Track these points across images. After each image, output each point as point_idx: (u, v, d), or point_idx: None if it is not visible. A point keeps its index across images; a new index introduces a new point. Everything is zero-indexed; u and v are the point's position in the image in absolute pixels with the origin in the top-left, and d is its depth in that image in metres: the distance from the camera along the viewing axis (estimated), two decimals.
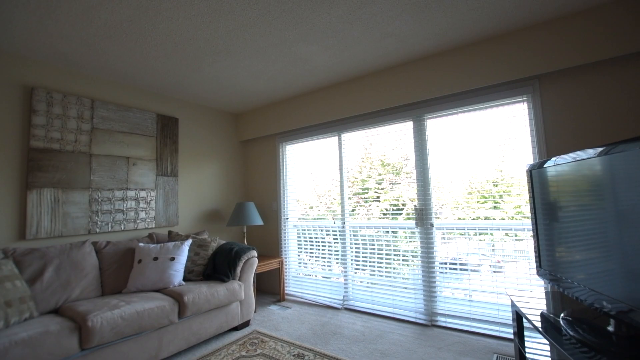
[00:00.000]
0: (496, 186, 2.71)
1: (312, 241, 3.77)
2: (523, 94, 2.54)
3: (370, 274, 3.31)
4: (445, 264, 2.89)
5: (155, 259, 2.57)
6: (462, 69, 2.65)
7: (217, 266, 2.85)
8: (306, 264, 3.89)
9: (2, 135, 2.39)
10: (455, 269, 2.87)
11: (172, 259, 2.61)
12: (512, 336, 2.45)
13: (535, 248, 1.94)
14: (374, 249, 3.28)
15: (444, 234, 2.91)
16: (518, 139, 2.60)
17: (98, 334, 1.87)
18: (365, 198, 3.43)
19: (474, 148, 2.79)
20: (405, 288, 3.05)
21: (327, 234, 3.64)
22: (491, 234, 2.70)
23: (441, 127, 2.94)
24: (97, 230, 2.82)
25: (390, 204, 3.26)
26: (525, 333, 1.92)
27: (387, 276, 3.21)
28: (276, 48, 2.53)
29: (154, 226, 3.23)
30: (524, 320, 1.87)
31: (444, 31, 2.40)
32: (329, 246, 3.62)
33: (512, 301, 1.92)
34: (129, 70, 2.83)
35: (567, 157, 1.58)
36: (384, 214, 3.30)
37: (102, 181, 2.87)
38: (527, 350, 1.82)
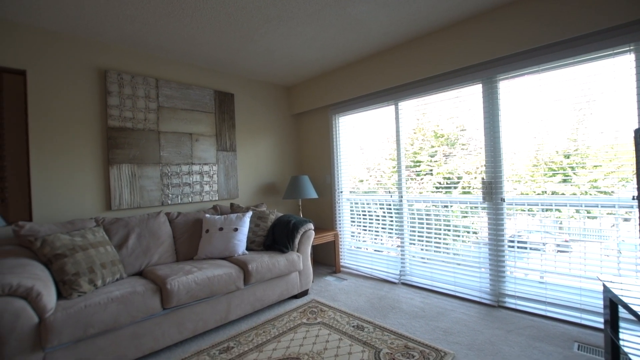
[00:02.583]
0: (567, 158, 2.39)
1: (364, 215, 3.72)
2: (629, 42, 2.07)
3: (427, 249, 3.17)
4: (513, 241, 2.64)
5: (221, 229, 2.73)
6: (548, 16, 2.23)
7: (276, 237, 2.95)
8: (358, 236, 3.87)
9: (87, 117, 2.64)
10: (525, 247, 2.61)
11: (236, 229, 2.74)
12: (597, 324, 2.19)
13: None
14: (430, 224, 3.12)
15: (509, 210, 2.65)
16: (601, 101, 2.20)
17: (176, 296, 2.07)
18: (417, 171, 3.25)
19: (545, 114, 2.45)
20: (468, 266, 2.87)
21: (381, 208, 3.54)
22: (559, 211, 2.44)
23: (513, 90, 2.59)
24: (169, 202, 3.06)
25: (444, 178, 3.07)
26: (620, 324, 1.68)
27: (445, 252, 3.06)
28: (330, 10, 2.37)
29: (217, 199, 3.42)
30: (620, 309, 1.63)
31: None
32: (382, 220, 3.53)
33: (605, 286, 1.68)
34: (187, 47, 2.89)
35: None
36: (437, 188, 3.12)
37: (170, 157, 3.08)
38: (621, 342, 1.59)
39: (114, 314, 1.83)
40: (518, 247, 2.62)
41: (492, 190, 2.68)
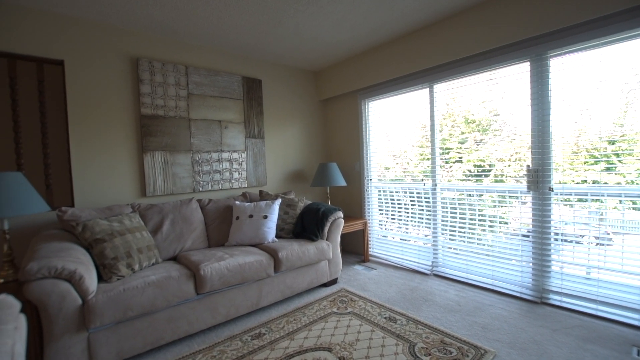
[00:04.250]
0: (612, 144, 2.20)
1: (392, 203, 3.60)
2: None
3: (461, 240, 3.02)
4: (558, 234, 2.44)
5: (251, 216, 2.73)
6: None
7: (305, 225, 2.92)
8: (386, 225, 3.76)
9: (121, 105, 2.69)
10: (570, 240, 2.40)
11: (265, 217, 2.73)
12: None
13: None
14: (464, 214, 2.96)
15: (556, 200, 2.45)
16: None
17: (209, 282, 2.09)
18: (446, 159, 3.09)
19: (589, 96, 2.22)
20: (508, 258, 2.70)
21: (410, 196, 3.41)
22: (600, 201, 2.26)
23: (563, 68, 2.35)
24: (200, 189, 3.10)
25: (475, 165, 2.90)
26: None
27: (481, 243, 2.89)
28: None
29: (246, 186, 3.43)
30: None
31: None
32: (412, 209, 3.40)
33: None
34: (215, 32, 2.84)
35: None
36: (467, 176, 2.95)
37: (200, 144, 3.09)
38: None
39: (150, 298, 1.88)
40: (563, 240, 2.42)
41: (538, 178, 2.47)
